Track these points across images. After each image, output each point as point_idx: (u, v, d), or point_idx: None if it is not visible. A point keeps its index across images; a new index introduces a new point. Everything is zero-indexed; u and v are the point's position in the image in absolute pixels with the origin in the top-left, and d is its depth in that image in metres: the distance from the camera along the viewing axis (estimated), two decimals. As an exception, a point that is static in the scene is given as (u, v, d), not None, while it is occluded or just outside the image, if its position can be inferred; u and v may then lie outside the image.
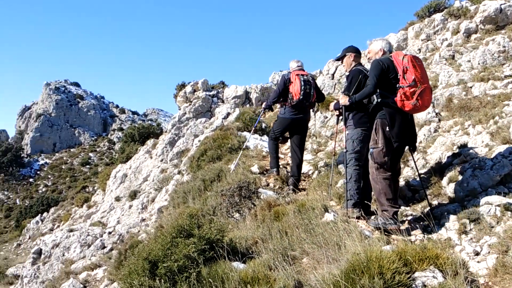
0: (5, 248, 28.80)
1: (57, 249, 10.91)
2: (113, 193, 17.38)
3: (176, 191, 9.30)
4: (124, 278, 4.58)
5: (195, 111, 16.19)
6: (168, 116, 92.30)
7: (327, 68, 15.07)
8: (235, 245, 4.87)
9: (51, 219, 28.18)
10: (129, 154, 21.43)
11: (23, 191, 66.20)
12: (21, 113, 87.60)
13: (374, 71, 5.01)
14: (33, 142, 77.91)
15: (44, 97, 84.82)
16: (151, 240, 6.35)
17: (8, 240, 34.51)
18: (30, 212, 46.01)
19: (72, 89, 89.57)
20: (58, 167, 71.45)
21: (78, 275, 8.86)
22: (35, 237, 25.04)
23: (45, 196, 54.65)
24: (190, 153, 12.47)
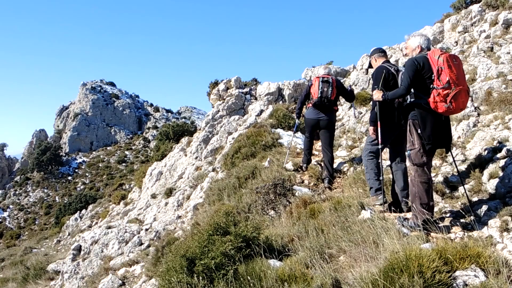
0: (46, 244, 29.52)
1: (96, 245, 11.12)
2: (149, 191, 17.62)
3: (211, 189, 9.36)
4: (163, 275, 4.64)
5: (228, 109, 16.24)
6: (201, 113, 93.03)
7: (361, 63, 14.89)
8: (271, 243, 4.88)
9: (89, 216, 28.76)
10: (164, 152, 21.71)
11: (62, 189, 67.93)
12: (59, 112, 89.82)
13: (408, 71, 4.89)
14: (71, 141, 79.81)
15: (81, 97, 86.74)
16: (187, 237, 6.42)
17: (48, 236, 35.38)
18: (69, 209, 47.16)
19: (108, 88, 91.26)
20: (95, 165, 72.98)
21: (117, 271, 9.03)
22: (74, 234, 25.64)
23: (83, 194, 55.91)
24: (224, 151, 12.52)
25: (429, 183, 4.92)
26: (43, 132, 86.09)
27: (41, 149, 72.71)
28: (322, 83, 7.63)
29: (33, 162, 73.09)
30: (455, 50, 11.28)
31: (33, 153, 74.92)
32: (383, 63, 6.08)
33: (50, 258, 17.56)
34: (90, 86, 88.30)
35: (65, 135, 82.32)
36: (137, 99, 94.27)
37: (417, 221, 4.76)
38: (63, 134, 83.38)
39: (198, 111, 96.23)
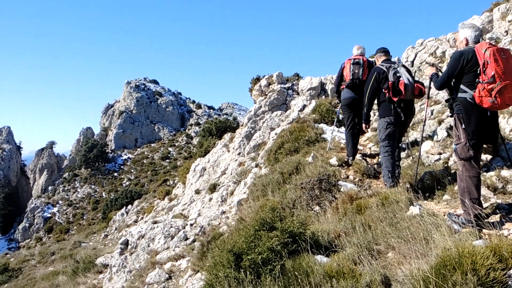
0: (94, 238, 30.37)
1: (143, 240, 11.33)
2: (193, 186, 17.84)
3: (254, 184, 9.37)
4: (210, 270, 4.69)
5: (271, 104, 16.22)
6: (242, 109, 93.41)
7: (406, 55, 14.57)
8: (317, 239, 4.85)
9: (135, 211, 29.40)
10: (207, 148, 21.94)
11: (108, 185, 69.70)
12: (105, 110, 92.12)
13: (449, 65, 4.84)
14: (116, 138, 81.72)
15: (126, 95, 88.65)
16: (232, 232, 6.45)
17: (96, 231, 36.39)
18: (115, 204, 48.36)
19: (151, 86, 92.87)
20: (140, 161, 74.51)
21: (163, 265, 9.18)
22: (121, 228, 26.28)
23: (128, 190, 57.19)
24: (267, 146, 12.53)
25: (478, 177, 4.78)
26: (89, 130, 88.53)
27: (88, 146, 74.82)
28: (353, 65, 7.99)
29: (80, 159, 75.34)
30: (505, 40, 10.86)
31: (81, 150, 77.22)
32: (382, 61, 6.73)
33: (98, 252, 18.03)
34: (134, 84, 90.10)
35: (110, 132, 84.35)
36: (179, 96, 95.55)
37: (468, 217, 4.61)
38: (109, 131, 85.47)
39: (240, 107, 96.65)
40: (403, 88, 6.28)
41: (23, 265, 25.47)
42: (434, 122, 8.75)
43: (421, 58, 13.59)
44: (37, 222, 65.74)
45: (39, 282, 17.45)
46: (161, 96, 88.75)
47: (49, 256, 25.83)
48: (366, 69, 7.92)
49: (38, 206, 68.69)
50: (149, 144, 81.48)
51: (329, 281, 3.84)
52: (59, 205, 68.25)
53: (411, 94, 6.42)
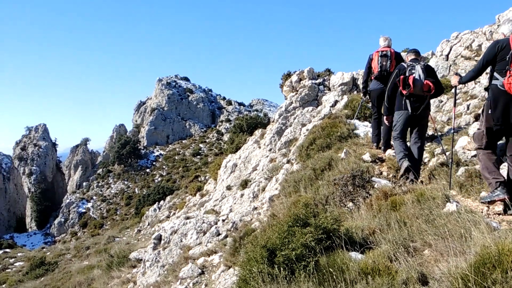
0: (127, 233, 30.86)
1: (175, 235, 11.44)
2: (224, 182, 17.93)
3: (286, 180, 9.35)
4: (243, 265, 4.71)
5: (302, 100, 16.15)
6: (273, 106, 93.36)
7: (441, 49, 14.27)
8: (351, 235, 4.80)
9: (167, 207, 29.74)
10: (238, 144, 22.02)
11: (141, 181, 70.80)
12: (137, 108, 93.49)
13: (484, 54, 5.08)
14: (148, 135, 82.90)
15: (157, 92, 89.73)
16: (265, 228, 6.46)
17: (129, 226, 36.97)
18: (148, 200, 49.07)
19: (182, 83, 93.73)
20: (171, 158, 75.39)
21: (196, 260, 9.26)
22: (153, 224, 26.64)
23: (160, 185, 57.96)
24: (299, 142, 12.48)
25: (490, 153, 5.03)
26: (122, 127, 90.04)
27: (121, 143, 76.14)
28: (381, 58, 8.37)
29: (114, 155, 76.74)
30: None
31: (114, 147, 78.62)
32: (410, 60, 7.08)
33: (131, 247, 18.31)
34: (165, 81, 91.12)
35: (143, 129, 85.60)
36: (210, 93, 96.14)
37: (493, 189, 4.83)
38: (141, 128, 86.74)
39: (270, 103, 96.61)
40: (411, 82, 6.67)
41: (59, 259, 26.06)
42: (470, 117, 8.57)
43: (456, 52, 13.29)
44: (72, 217, 67.33)
45: (75, 275, 17.82)
46: (192, 93, 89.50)
47: (84, 251, 26.37)
48: (393, 60, 8.30)
49: (73, 202, 70.31)
50: (181, 140, 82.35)
51: (365, 278, 3.80)
52: (93, 200, 69.69)
53: (420, 90, 6.71)
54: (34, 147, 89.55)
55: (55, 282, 18.50)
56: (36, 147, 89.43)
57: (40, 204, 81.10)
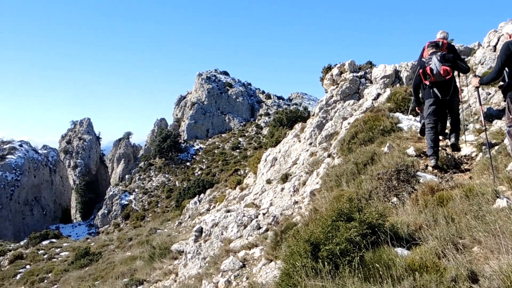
0: (168, 225, 31.30)
1: (216, 228, 11.52)
2: (264, 176, 17.94)
3: (328, 174, 9.27)
4: (286, 259, 4.69)
5: (343, 93, 15.94)
6: (312, 99, 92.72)
7: (487, 39, 13.77)
8: (396, 231, 4.71)
9: (207, 200, 30.03)
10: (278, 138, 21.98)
11: (181, 174, 71.71)
12: (177, 102, 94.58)
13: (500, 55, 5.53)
14: (188, 129, 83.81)
15: (197, 87, 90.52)
16: (307, 222, 6.42)
17: (170, 218, 37.51)
18: (188, 193, 49.62)
19: (222, 77, 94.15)
20: (211, 151, 76.00)
21: (237, 253, 9.30)
22: (194, 216, 26.94)
23: (200, 179, 58.53)
24: (340, 136, 12.34)
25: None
26: (163, 121, 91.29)
27: (162, 136, 77.27)
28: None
29: (155, 149, 78.00)
30: None
31: (155, 140, 79.88)
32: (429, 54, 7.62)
33: (173, 239, 18.52)
34: (205, 76, 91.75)
35: (183, 123, 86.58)
36: (249, 87, 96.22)
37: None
38: (182, 122, 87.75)
39: (309, 97, 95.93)
40: (429, 71, 7.31)
41: (103, 250, 26.70)
42: None
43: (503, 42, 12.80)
44: (115, 209, 68.92)
45: (118, 266, 18.18)
46: (231, 87, 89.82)
47: (126, 242, 26.91)
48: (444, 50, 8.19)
49: (116, 194, 71.93)
50: (220, 134, 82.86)
51: (412, 274, 3.72)
52: (135, 193, 71.07)
53: (440, 76, 7.28)
54: (79, 140, 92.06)
55: (99, 272, 18.94)
56: (80, 140, 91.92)
57: (84, 196, 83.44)
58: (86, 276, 19.43)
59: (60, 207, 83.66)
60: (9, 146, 78.49)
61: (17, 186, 73.28)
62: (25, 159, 76.30)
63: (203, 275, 9.24)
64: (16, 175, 73.79)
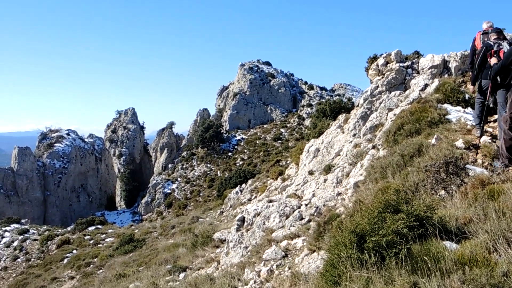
0: (210, 214, 31.65)
1: (258, 218, 11.57)
2: (306, 167, 17.87)
3: (372, 166, 9.15)
4: (331, 249, 4.67)
5: (388, 84, 15.65)
6: (355, 90, 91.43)
7: (542, 29, 13.23)
8: (445, 224, 4.61)
9: (249, 190, 30.18)
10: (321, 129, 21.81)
11: (223, 164, 72.34)
12: (220, 92, 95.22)
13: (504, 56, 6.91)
14: (230, 119, 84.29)
15: (240, 77, 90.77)
16: (350, 214, 6.37)
17: (212, 207, 37.94)
18: (230, 183, 50.07)
19: (264, 68, 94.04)
20: (252, 142, 76.26)
21: (279, 243, 9.34)
22: (235, 206, 27.15)
23: (242, 169, 58.96)
24: (385, 128, 12.13)
25: None
26: (206, 111, 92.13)
27: (204, 127, 78.07)
28: (482, 35, 8.85)
29: (197, 139, 78.90)
30: None
31: (198, 130, 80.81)
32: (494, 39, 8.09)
33: (215, 228, 18.73)
34: (247, 66, 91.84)
35: (225, 113, 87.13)
36: (291, 77, 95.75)
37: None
38: (224, 112, 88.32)
39: (353, 88, 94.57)
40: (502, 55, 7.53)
41: (146, 237, 27.28)
42: None
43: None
44: (158, 197, 70.30)
45: (161, 252, 18.52)
46: (273, 78, 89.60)
47: (169, 229, 27.40)
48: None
49: (159, 183, 73.30)
50: (262, 125, 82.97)
51: (461, 268, 3.64)
52: (178, 182, 72.21)
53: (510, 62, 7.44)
54: (124, 130, 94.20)
55: (143, 258, 19.36)
56: (125, 130, 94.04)
57: (128, 184, 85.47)
58: (130, 261, 19.90)
59: (105, 195, 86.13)
60: (57, 134, 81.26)
61: (65, 173, 75.83)
62: (72, 148, 78.79)
63: (245, 263, 9.32)
64: (63, 163, 76.33)
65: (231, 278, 8.25)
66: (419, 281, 3.68)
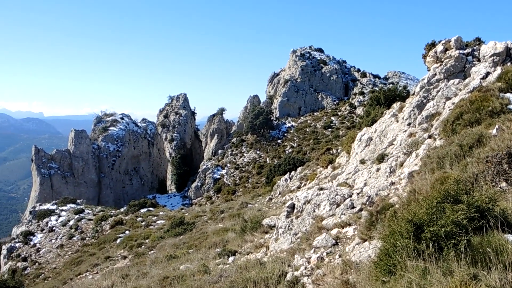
0: (259, 201, 31.80)
1: (308, 205, 11.52)
2: (358, 156, 17.61)
3: (428, 156, 8.90)
4: (386, 238, 4.59)
5: (447, 72, 15.11)
6: (410, 78, 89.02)
7: None
8: (506, 217, 4.43)
9: (298, 177, 30.09)
10: (374, 118, 21.37)
11: (272, 151, 72.49)
12: (270, 79, 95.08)
13: None
14: (281, 106, 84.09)
15: (291, 64, 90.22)
16: (404, 204, 6.23)
17: (261, 194, 38.12)
18: (278, 170, 50.08)
19: (316, 55, 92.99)
20: (302, 129, 75.91)
21: (330, 231, 9.27)
22: (284, 193, 27.16)
23: (291, 157, 58.83)
24: (442, 117, 11.75)
25: None
26: (256, 98, 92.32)
27: (254, 113, 78.32)
28: None
29: (247, 125, 79.32)
30: None
31: (248, 117, 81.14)
32: None
33: (263, 214, 18.80)
34: (299, 53, 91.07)
35: (275, 100, 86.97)
36: (344, 64, 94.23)
37: None
38: (274, 99, 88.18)
39: (407, 76, 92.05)
40: None
41: (196, 220, 27.76)
42: None
43: None
44: (208, 182, 71.39)
45: (211, 236, 18.80)
46: (325, 65, 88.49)
47: (218, 214, 27.74)
48: None
49: (209, 168, 74.38)
50: (312, 112, 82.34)
51: (525, 262, 3.49)
52: (227, 167, 73.00)
53: None
54: (176, 115, 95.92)
55: (193, 241, 19.72)
56: (177, 115, 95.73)
57: (179, 168, 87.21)
58: (180, 244, 20.31)
59: (157, 178, 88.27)
60: (111, 118, 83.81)
61: (118, 156, 78.25)
62: (126, 131, 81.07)
63: (295, 250, 9.32)
64: (117, 146, 78.72)
65: (281, 263, 8.28)
66: (479, 273, 3.56)
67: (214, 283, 8.65)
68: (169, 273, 11.66)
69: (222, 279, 8.71)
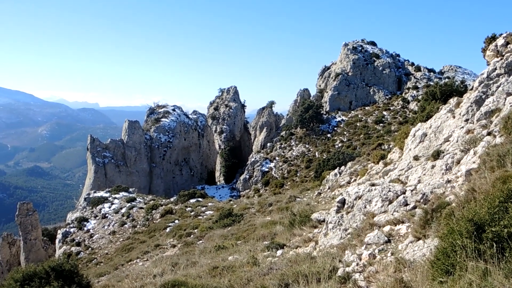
0: (307, 195, 31.64)
1: (359, 201, 11.37)
2: (411, 152, 17.19)
3: (488, 154, 8.57)
4: (444, 237, 4.45)
5: (508, 66, 14.45)
6: (466, 73, 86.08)
7: None
8: None
9: (348, 172, 29.73)
10: (429, 113, 20.74)
11: (321, 145, 72.02)
12: (321, 72, 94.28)
13: None
14: (331, 100, 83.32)
15: (342, 57, 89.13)
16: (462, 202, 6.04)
17: (309, 188, 37.96)
18: (327, 165, 49.74)
19: (369, 48, 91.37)
20: (353, 124, 74.96)
21: (382, 227, 9.11)
22: (333, 188, 26.91)
23: (341, 151, 58.32)
24: (503, 113, 11.28)
25: None
26: (306, 91, 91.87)
27: (304, 107, 78.00)
28: None
29: (297, 119, 79.12)
30: None
31: (297, 110, 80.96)
32: None
33: (312, 208, 18.70)
34: (351, 46, 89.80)
35: (326, 94, 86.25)
36: (397, 58, 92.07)
37: None
38: (324, 93, 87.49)
39: (464, 70, 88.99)
40: None
41: (244, 212, 27.93)
42: None
43: None
44: (256, 175, 71.79)
45: (259, 228, 18.87)
46: (378, 58, 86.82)
47: (267, 207, 27.82)
48: None
49: (257, 161, 74.74)
50: (363, 107, 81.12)
51: None
52: (276, 161, 73.12)
53: None
54: (226, 107, 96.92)
55: (241, 233, 19.86)
56: (227, 107, 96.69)
57: (228, 160, 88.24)
58: (228, 235, 20.52)
59: (206, 169, 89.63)
60: (163, 110, 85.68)
61: (169, 147, 79.95)
62: (177, 123, 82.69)
63: (346, 245, 9.22)
64: (168, 137, 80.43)
65: (332, 258, 8.21)
66: (546, 278, 3.39)
67: (264, 275, 8.68)
68: (218, 263, 11.80)
69: (272, 271, 8.72)
